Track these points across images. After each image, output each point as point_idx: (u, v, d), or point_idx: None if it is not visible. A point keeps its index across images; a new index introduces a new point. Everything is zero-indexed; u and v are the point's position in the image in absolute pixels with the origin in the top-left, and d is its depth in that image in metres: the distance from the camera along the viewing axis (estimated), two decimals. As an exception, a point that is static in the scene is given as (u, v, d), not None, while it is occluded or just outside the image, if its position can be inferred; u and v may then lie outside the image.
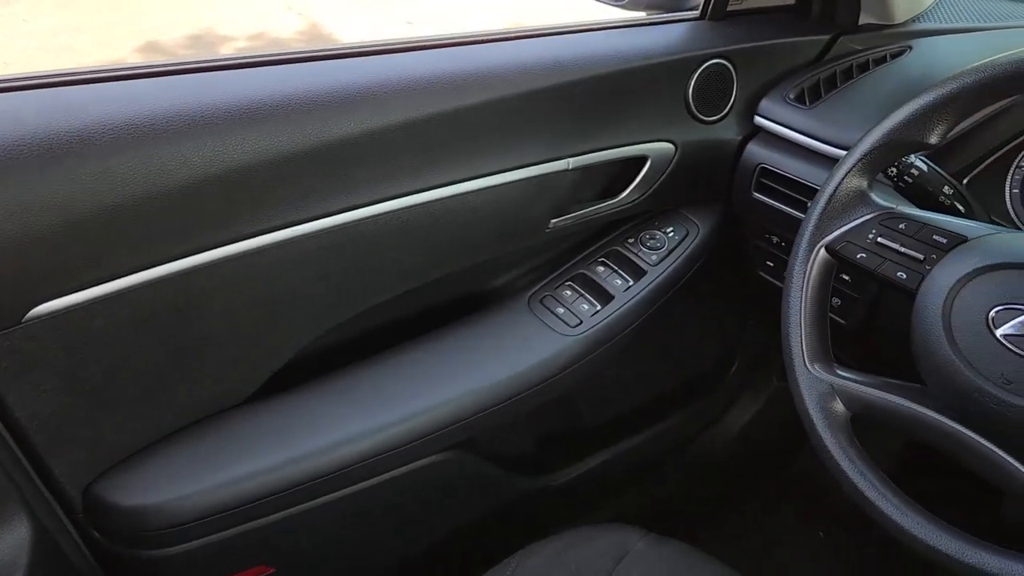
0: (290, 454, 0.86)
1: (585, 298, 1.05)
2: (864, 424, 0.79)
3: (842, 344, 1.09)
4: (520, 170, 0.92)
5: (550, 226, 1.00)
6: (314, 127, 0.77)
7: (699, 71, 1.02)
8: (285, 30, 4.73)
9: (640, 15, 1.11)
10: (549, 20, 1.04)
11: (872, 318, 1.05)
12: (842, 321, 1.07)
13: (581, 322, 1.03)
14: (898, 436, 1.54)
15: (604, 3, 1.15)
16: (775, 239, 1.12)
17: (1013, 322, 0.67)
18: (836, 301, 1.07)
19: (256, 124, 0.75)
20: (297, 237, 0.80)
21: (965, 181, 0.99)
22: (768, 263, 1.15)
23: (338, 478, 0.89)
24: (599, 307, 1.04)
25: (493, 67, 0.89)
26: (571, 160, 0.96)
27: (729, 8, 1.09)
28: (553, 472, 1.25)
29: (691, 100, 1.03)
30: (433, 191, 0.87)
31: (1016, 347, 0.66)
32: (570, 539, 0.93)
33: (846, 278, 1.04)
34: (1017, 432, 0.67)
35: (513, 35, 0.96)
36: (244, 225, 0.77)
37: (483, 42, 0.93)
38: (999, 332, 0.67)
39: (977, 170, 0.99)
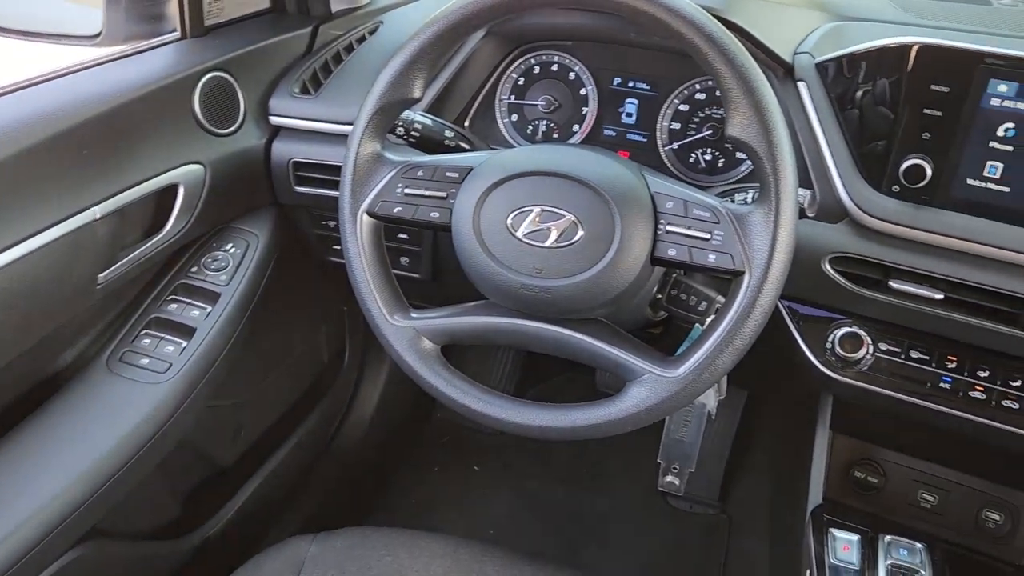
0: None
1: (167, 340, 1.01)
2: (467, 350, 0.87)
3: (424, 294, 1.19)
4: (41, 235, 0.84)
5: (100, 282, 0.94)
6: None
7: (198, 88, 1.02)
8: None
9: (122, 48, 1.08)
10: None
11: (437, 263, 1.16)
12: (416, 275, 1.17)
13: (171, 364, 0.99)
14: (508, 354, 1.74)
15: (77, 46, 1.08)
16: (332, 223, 1.18)
17: (525, 222, 0.79)
18: (405, 260, 1.16)
19: None
20: None
21: (467, 123, 1.14)
22: (334, 247, 1.21)
23: None
24: (184, 343, 1.01)
25: None
26: (98, 208, 0.91)
27: (207, 23, 1.10)
28: (207, 520, 1.20)
29: (201, 117, 1.03)
30: None
31: (535, 241, 0.79)
32: (243, 575, 0.91)
33: (405, 236, 1.13)
34: (563, 308, 0.80)
35: None
36: None
37: None
38: (519, 233, 0.79)
39: (472, 110, 1.14)
